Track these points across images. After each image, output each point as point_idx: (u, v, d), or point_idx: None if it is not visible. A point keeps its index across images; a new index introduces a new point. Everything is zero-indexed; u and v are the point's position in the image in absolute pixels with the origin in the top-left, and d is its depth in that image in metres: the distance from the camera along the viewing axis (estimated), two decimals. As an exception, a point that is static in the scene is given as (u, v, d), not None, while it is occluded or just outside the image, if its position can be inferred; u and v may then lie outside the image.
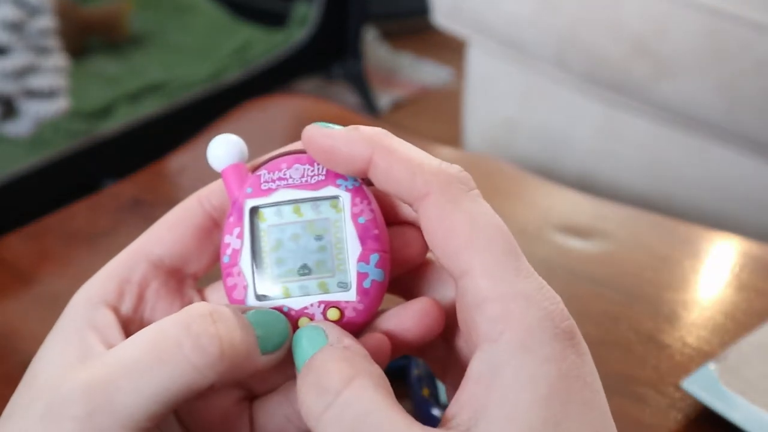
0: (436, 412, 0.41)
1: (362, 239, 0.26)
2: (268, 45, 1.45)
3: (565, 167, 1.04)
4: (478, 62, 1.10)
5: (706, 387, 0.42)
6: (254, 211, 0.26)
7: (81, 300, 0.27)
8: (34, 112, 1.14)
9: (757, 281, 0.53)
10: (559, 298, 0.23)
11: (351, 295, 0.26)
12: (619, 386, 0.45)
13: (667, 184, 0.95)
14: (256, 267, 0.26)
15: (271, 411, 0.27)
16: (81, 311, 0.26)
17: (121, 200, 0.62)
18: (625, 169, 0.98)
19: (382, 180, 0.25)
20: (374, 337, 0.25)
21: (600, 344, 0.48)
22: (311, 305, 0.26)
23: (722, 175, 0.90)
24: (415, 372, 0.42)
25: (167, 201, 0.63)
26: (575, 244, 0.57)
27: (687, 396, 0.44)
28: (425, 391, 0.41)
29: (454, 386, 0.27)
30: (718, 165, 0.90)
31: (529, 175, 0.66)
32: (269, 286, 0.26)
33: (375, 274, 0.26)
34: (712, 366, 0.43)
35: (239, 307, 0.25)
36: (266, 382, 0.28)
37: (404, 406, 0.44)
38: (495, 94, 1.10)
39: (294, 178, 0.26)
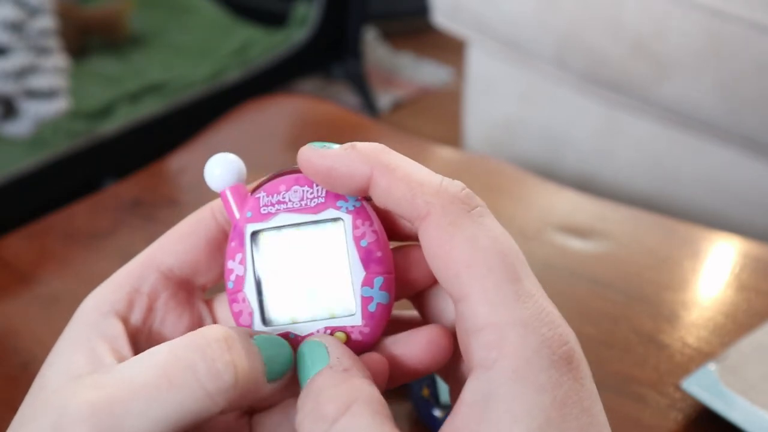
0: (436, 412, 0.41)
1: (365, 262, 0.25)
2: (268, 45, 1.45)
3: (565, 167, 1.04)
4: (478, 62, 1.10)
5: (706, 387, 0.42)
6: (255, 235, 0.26)
7: (90, 308, 0.26)
8: (34, 112, 1.14)
9: (758, 281, 0.53)
10: (559, 322, 0.23)
11: (356, 320, 0.25)
12: (619, 386, 0.45)
13: (667, 184, 0.95)
14: (261, 293, 0.26)
15: (270, 429, 0.27)
16: (90, 319, 0.26)
17: (121, 200, 0.62)
18: (625, 169, 0.98)
19: (382, 199, 0.24)
20: (372, 358, 0.25)
21: (600, 344, 0.48)
22: (317, 331, 0.26)
23: (722, 175, 0.90)
24: (415, 372, 0.42)
25: (167, 201, 0.63)
26: (575, 244, 0.57)
27: (687, 396, 0.44)
28: (425, 391, 0.41)
29: (454, 391, 0.27)
30: (718, 165, 0.90)
31: (529, 175, 0.66)
32: (274, 312, 0.26)
33: (380, 297, 0.25)
34: (712, 366, 0.43)
35: (247, 331, 0.25)
36: (266, 399, 0.27)
37: (404, 407, 0.44)
38: (495, 94, 1.10)
39: (293, 202, 0.26)
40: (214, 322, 0.29)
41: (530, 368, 0.21)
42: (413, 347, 0.25)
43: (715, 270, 0.55)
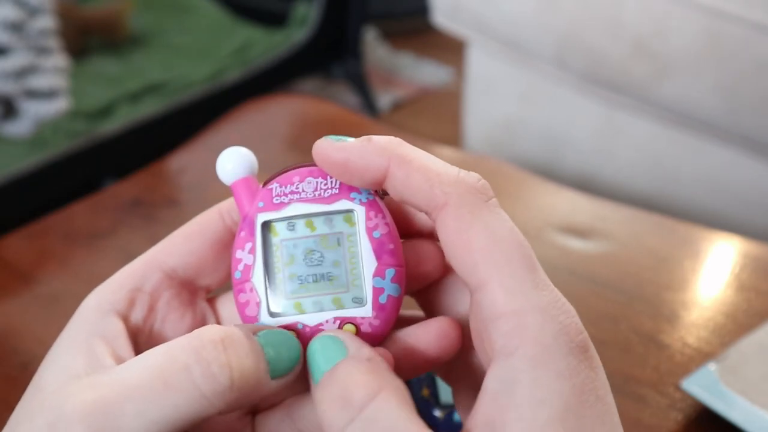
0: (436, 412, 0.41)
1: (377, 254, 0.25)
2: (268, 45, 1.45)
3: (565, 167, 1.04)
4: (478, 62, 1.10)
5: (706, 387, 0.42)
6: (266, 225, 0.26)
7: (91, 307, 0.26)
8: (34, 112, 1.14)
9: (758, 281, 0.53)
10: (574, 311, 0.23)
11: (366, 311, 0.25)
12: (619, 386, 0.45)
13: (667, 184, 0.95)
14: (269, 283, 0.26)
15: (273, 428, 0.27)
16: (90, 319, 0.26)
17: (121, 200, 0.62)
18: (625, 169, 0.98)
19: (399, 190, 0.24)
20: (378, 353, 0.24)
21: (600, 344, 0.48)
22: (326, 322, 0.25)
23: (722, 175, 0.90)
24: (415, 372, 0.42)
25: (167, 201, 0.63)
26: (575, 244, 0.57)
27: (687, 396, 0.44)
28: (425, 392, 0.41)
29: (459, 390, 0.27)
30: (718, 165, 0.90)
31: (529, 175, 0.66)
32: (282, 302, 0.26)
33: (391, 289, 0.25)
34: (712, 366, 0.43)
35: (250, 327, 0.25)
36: (269, 398, 0.27)
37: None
38: (495, 94, 1.10)
39: (307, 192, 0.26)
40: (218, 322, 0.29)
41: (549, 355, 0.22)
42: (424, 339, 0.25)
43: (715, 270, 0.55)
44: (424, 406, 0.41)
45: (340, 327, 0.25)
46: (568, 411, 0.21)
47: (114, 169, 1.19)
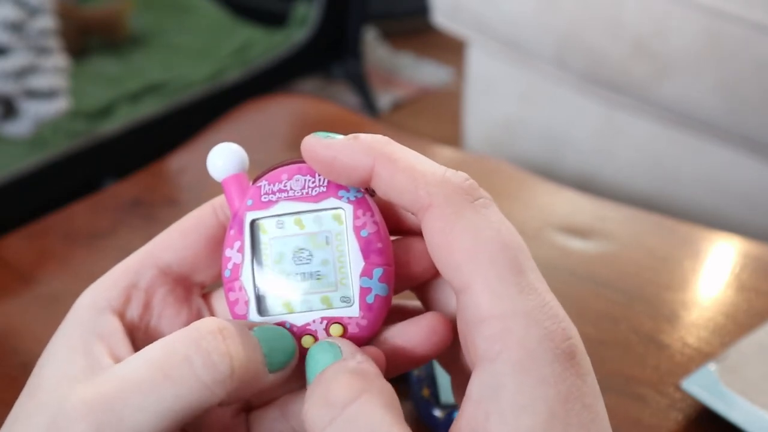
0: (436, 412, 0.41)
1: (365, 253, 0.25)
2: (268, 45, 1.45)
3: (565, 167, 1.04)
4: (478, 62, 1.10)
5: (706, 387, 0.42)
6: (255, 223, 0.26)
7: (86, 304, 0.26)
8: (34, 112, 1.14)
9: (758, 281, 0.53)
10: (562, 316, 0.22)
11: (354, 311, 0.25)
12: (619, 386, 0.45)
13: (667, 184, 0.95)
14: (258, 281, 0.26)
15: (267, 425, 0.27)
16: (86, 316, 0.26)
17: (121, 200, 0.62)
18: (625, 169, 0.98)
19: (384, 190, 0.24)
20: (369, 351, 0.25)
21: (600, 344, 0.48)
22: (314, 321, 0.25)
23: (722, 175, 0.90)
24: (416, 372, 0.42)
25: (167, 201, 0.63)
26: (575, 244, 0.57)
27: (687, 396, 0.44)
28: (425, 392, 0.41)
29: (457, 382, 0.27)
30: (718, 165, 0.90)
31: (529, 175, 0.66)
32: (271, 301, 0.26)
33: (378, 288, 0.25)
34: (712, 366, 0.43)
35: (245, 323, 0.25)
36: (264, 395, 0.27)
37: (404, 407, 0.44)
38: (495, 94, 1.10)
39: (295, 190, 0.26)
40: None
41: (533, 360, 0.21)
42: (414, 336, 0.25)
43: (715, 270, 0.55)
44: (424, 406, 0.41)
45: (328, 327, 0.25)
46: (553, 418, 0.21)
47: (114, 169, 1.19)
